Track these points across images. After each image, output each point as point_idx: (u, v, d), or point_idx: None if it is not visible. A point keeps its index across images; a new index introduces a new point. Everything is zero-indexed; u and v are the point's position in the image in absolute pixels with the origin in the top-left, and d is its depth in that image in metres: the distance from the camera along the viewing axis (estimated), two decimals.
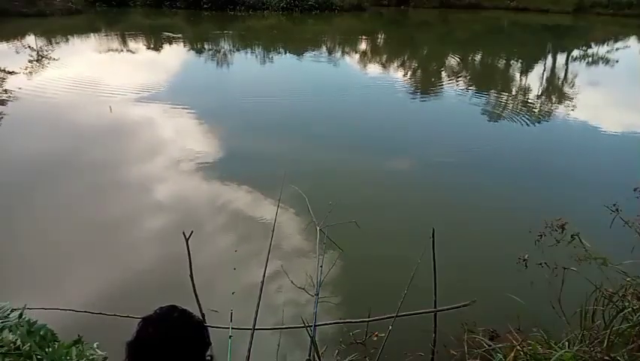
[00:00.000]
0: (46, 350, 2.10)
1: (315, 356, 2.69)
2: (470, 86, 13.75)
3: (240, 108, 10.48)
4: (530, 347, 2.64)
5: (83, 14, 24.49)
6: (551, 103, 12.21)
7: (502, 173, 7.54)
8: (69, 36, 19.54)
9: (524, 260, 3.25)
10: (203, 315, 3.26)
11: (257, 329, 2.34)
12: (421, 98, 12.49)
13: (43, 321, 2.24)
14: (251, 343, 1.79)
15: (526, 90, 13.36)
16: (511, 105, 11.80)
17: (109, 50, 16.61)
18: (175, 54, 17.25)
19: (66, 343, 2.16)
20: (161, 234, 5.30)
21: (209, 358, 1.36)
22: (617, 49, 21.51)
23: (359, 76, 15.08)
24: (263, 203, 6.05)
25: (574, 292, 3.16)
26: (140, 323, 1.30)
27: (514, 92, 13.14)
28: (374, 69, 16.14)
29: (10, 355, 2.01)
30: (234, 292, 2.94)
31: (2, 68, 12.54)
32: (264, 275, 2.34)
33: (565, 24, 29.04)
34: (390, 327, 3.04)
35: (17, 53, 15.34)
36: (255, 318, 2.05)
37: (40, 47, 16.49)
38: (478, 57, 19.44)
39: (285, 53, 18.49)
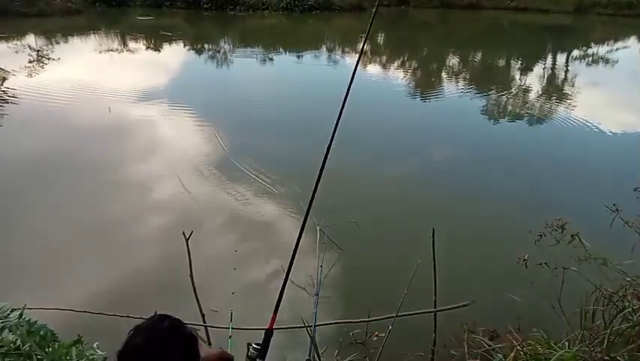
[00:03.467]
0: (46, 350, 2.10)
1: (315, 356, 2.69)
2: (470, 86, 13.76)
3: (239, 108, 10.48)
4: (530, 347, 2.64)
5: (83, 14, 24.47)
6: (551, 103, 12.19)
7: (502, 173, 7.53)
8: (69, 36, 19.53)
9: (524, 260, 3.25)
10: (203, 315, 3.26)
11: (257, 329, 2.34)
12: (421, 98, 12.49)
13: (43, 321, 2.24)
14: (268, 342, 1.76)
15: (526, 90, 13.36)
16: (511, 105, 11.81)
17: (108, 50, 16.61)
18: (174, 54, 17.25)
19: (66, 343, 2.16)
20: (160, 234, 5.31)
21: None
22: (617, 49, 21.50)
23: (359, 76, 15.00)
24: (263, 203, 6.05)
25: (574, 292, 3.17)
26: (129, 332, 1.27)
27: (514, 92, 13.14)
28: (374, 69, 16.14)
29: (10, 355, 2.01)
30: (234, 292, 2.94)
31: (2, 68, 12.53)
32: (284, 284, 2.33)
33: (565, 24, 29.02)
34: (390, 327, 3.05)
35: (17, 53, 15.33)
36: (275, 315, 1.99)
37: (40, 47, 16.48)
38: (478, 57, 19.44)
39: (285, 52, 18.48)
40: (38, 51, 15.69)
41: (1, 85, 11.30)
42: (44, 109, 9.76)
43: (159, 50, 17.68)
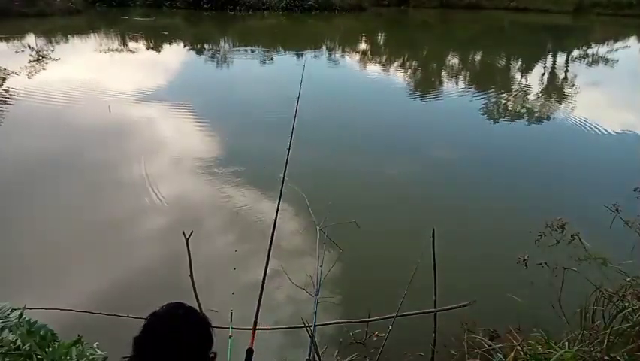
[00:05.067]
0: (46, 350, 2.10)
1: (315, 356, 2.69)
2: (470, 85, 13.76)
3: (238, 108, 10.48)
4: (530, 347, 2.64)
5: (83, 14, 24.49)
6: (551, 103, 12.20)
7: (502, 173, 7.53)
8: (69, 36, 19.54)
9: (524, 260, 3.26)
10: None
11: (257, 329, 2.34)
12: (421, 97, 12.49)
13: (43, 321, 2.25)
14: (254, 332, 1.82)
15: (526, 90, 13.36)
16: (511, 105, 11.80)
17: (108, 50, 16.62)
18: (175, 54, 17.26)
19: (66, 343, 2.16)
20: (161, 233, 5.30)
21: (212, 355, 1.39)
22: (617, 49, 21.49)
23: (359, 76, 15.08)
24: (263, 203, 6.05)
25: (574, 292, 3.17)
26: (147, 319, 1.34)
27: (514, 92, 13.15)
28: (374, 69, 16.14)
29: (10, 355, 2.01)
30: (234, 292, 2.95)
31: (2, 68, 12.54)
32: (264, 275, 2.35)
33: (565, 24, 29.03)
34: (390, 327, 3.04)
35: (17, 52, 15.34)
36: (256, 318, 2.06)
37: (40, 47, 16.48)
38: (478, 57, 19.44)
39: (285, 52, 18.49)
40: (38, 51, 15.69)
41: (1, 85, 11.30)
42: (44, 109, 9.76)
43: (159, 50, 17.69)
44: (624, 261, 3.04)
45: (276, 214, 2.23)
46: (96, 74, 13.08)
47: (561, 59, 19.28)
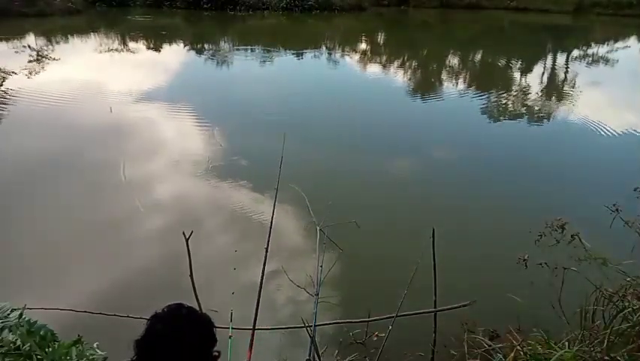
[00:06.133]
0: (46, 350, 2.10)
1: (315, 356, 2.69)
2: (470, 86, 13.75)
3: (238, 108, 10.47)
4: (530, 347, 2.64)
5: (83, 14, 24.48)
6: (551, 103, 12.19)
7: (502, 173, 7.53)
8: (69, 36, 19.54)
9: (524, 260, 3.26)
10: None
11: (257, 329, 2.34)
12: (422, 98, 12.49)
13: (43, 321, 2.25)
14: (252, 343, 1.82)
15: (526, 90, 13.35)
16: (511, 105, 11.80)
17: (109, 50, 16.61)
18: (175, 54, 17.24)
19: (66, 343, 2.16)
20: (161, 233, 5.30)
21: (216, 353, 1.40)
22: (617, 49, 21.48)
23: (359, 76, 15.07)
24: (263, 202, 6.04)
25: (574, 292, 3.17)
26: (149, 320, 1.35)
27: (514, 92, 13.14)
28: (374, 69, 16.14)
29: (10, 355, 2.01)
30: (234, 292, 2.95)
31: (2, 68, 12.53)
32: (262, 275, 2.35)
33: (565, 24, 29.01)
34: (390, 327, 3.04)
35: (17, 52, 15.34)
36: (255, 318, 2.07)
37: (40, 47, 16.48)
38: (478, 57, 19.43)
39: (285, 52, 18.48)
40: (38, 51, 15.68)
41: (1, 85, 11.29)
42: (45, 109, 9.75)
43: (159, 50, 17.68)
44: (624, 261, 3.04)
45: (272, 220, 2.23)
46: (96, 74, 13.08)
47: (561, 58, 19.28)
